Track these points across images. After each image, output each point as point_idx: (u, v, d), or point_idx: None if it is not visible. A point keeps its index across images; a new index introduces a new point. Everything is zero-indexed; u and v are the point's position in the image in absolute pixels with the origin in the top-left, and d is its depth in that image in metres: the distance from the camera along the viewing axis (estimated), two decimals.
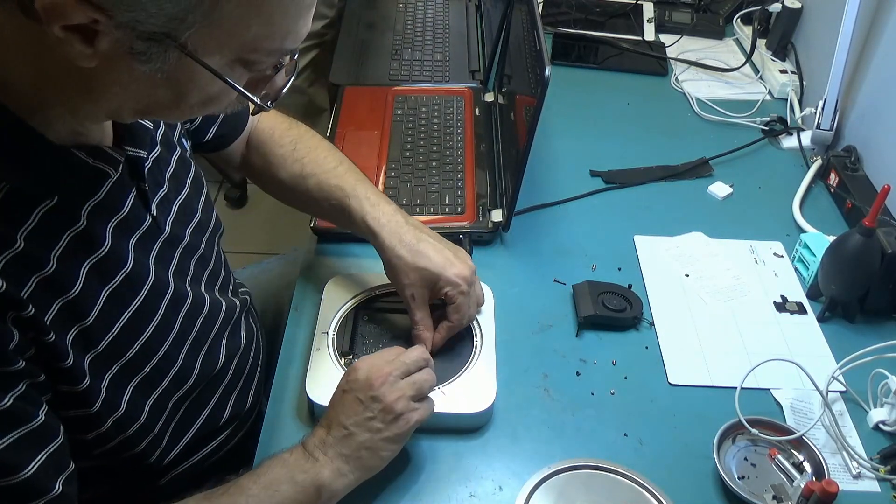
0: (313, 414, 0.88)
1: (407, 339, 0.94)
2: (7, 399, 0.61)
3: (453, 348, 0.94)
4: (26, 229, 0.62)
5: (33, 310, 0.62)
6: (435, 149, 1.28)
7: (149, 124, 0.77)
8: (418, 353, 0.82)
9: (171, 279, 0.79)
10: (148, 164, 0.77)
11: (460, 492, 0.83)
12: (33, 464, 0.62)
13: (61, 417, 0.68)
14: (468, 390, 0.88)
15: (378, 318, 0.98)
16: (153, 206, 0.78)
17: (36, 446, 0.63)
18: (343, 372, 0.89)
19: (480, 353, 0.93)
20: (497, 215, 1.14)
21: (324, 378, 0.88)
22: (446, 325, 0.93)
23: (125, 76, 0.59)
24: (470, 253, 1.08)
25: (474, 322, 0.96)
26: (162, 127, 0.82)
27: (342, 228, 1.00)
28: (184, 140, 0.88)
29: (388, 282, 1.00)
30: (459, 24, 1.68)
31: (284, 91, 0.69)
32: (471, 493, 0.83)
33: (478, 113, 1.38)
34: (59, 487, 0.64)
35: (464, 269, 0.92)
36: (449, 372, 0.90)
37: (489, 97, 1.42)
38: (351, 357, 0.92)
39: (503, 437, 0.88)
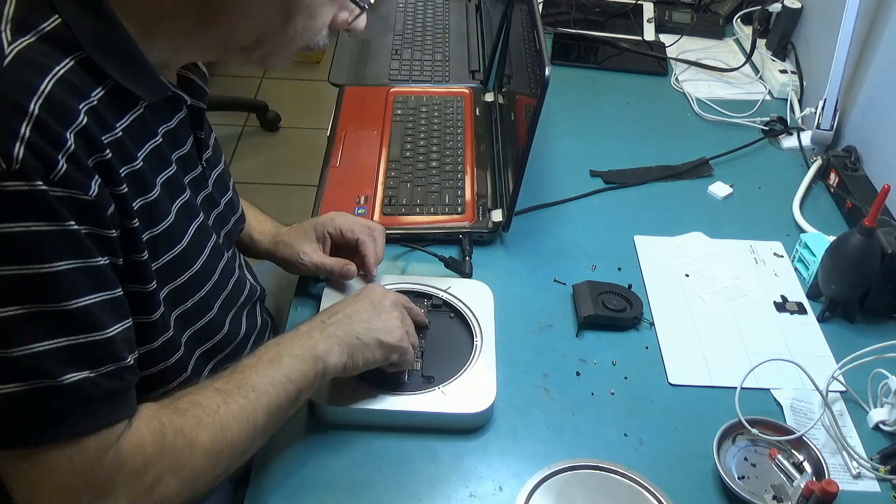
0: (313, 412, 0.88)
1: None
2: (103, 259, 0.64)
3: (453, 347, 0.94)
4: (123, 123, 0.68)
5: (126, 189, 0.66)
6: (435, 149, 1.28)
7: (206, 89, 0.83)
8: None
9: (211, 228, 0.84)
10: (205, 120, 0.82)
11: (460, 492, 0.83)
12: (114, 329, 0.65)
13: None
14: (468, 390, 0.88)
15: None
16: (203, 159, 0.84)
17: (116, 314, 0.66)
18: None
19: (480, 352, 0.93)
20: (497, 215, 1.14)
21: None
22: (367, 251, 1.00)
23: None
24: (470, 253, 1.08)
25: (474, 321, 0.96)
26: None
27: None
28: None
29: (389, 281, 1.01)
30: (459, 24, 1.68)
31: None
32: (471, 493, 0.83)
33: (478, 113, 1.38)
34: (131, 360, 0.67)
35: (331, 213, 1.04)
36: (449, 372, 0.90)
37: (489, 97, 1.42)
38: None
39: (503, 437, 0.88)
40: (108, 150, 0.64)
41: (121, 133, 0.67)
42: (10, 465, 0.62)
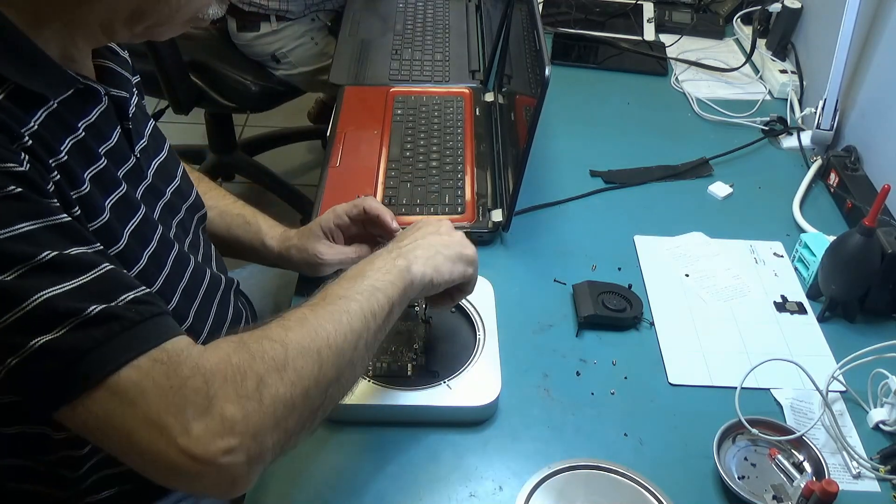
0: None
1: (411, 334, 0.95)
2: (66, 216, 0.63)
3: (456, 342, 0.95)
4: (36, 120, 0.65)
5: (59, 176, 0.64)
6: (435, 149, 1.28)
7: (129, 76, 0.81)
8: None
9: (157, 220, 0.80)
10: (131, 109, 0.79)
11: (460, 492, 0.83)
12: (113, 266, 0.64)
13: None
14: (474, 383, 0.89)
15: None
16: (137, 150, 0.80)
17: (107, 260, 0.65)
18: None
19: (483, 346, 0.93)
20: (497, 215, 1.14)
21: None
22: (379, 211, 0.97)
23: None
24: None
25: (475, 315, 0.97)
26: (135, 98, 0.84)
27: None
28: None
29: None
30: (459, 24, 1.68)
31: None
32: (471, 493, 0.83)
33: (478, 113, 1.38)
34: (146, 289, 0.65)
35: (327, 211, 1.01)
36: (454, 366, 0.91)
37: (489, 97, 1.42)
38: None
39: (503, 437, 0.88)
40: (27, 139, 0.62)
41: (36, 127, 0.64)
42: (94, 417, 0.59)
